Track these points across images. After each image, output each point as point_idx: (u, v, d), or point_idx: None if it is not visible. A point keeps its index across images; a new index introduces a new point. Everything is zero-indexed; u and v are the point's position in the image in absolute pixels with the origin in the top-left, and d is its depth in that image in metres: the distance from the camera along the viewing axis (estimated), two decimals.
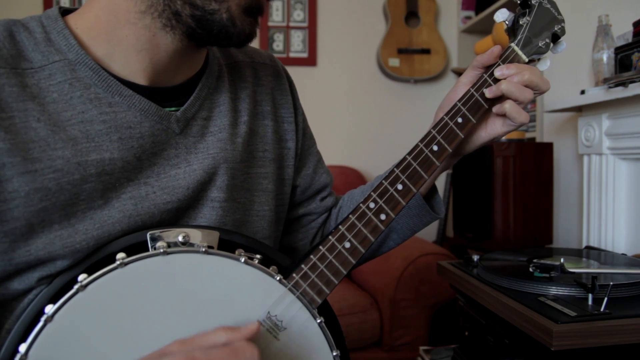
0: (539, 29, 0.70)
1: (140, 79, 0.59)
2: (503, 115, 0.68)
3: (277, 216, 0.73)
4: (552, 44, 0.71)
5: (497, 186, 1.64)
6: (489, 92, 0.67)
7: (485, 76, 0.68)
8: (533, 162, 1.65)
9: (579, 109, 1.60)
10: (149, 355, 0.48)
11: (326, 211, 0.83)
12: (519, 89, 0.65)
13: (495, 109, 0.68)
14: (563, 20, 0.71)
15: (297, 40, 2.64)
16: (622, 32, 1.43)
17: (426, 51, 2.65)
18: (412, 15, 2.67)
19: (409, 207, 0.75)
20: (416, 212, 0.76)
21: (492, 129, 0.70)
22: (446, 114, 0.66)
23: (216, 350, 0.46)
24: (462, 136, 0.66)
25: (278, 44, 2.63)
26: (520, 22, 0.70)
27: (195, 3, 0.55)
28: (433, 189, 0.79)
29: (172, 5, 0.55)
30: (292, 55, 2.63)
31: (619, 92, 1.29)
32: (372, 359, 1.79)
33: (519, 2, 0.71)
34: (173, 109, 0.61)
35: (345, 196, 0.85)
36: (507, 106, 0.66)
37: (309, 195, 0.80)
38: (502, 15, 0.71)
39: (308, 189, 0.79)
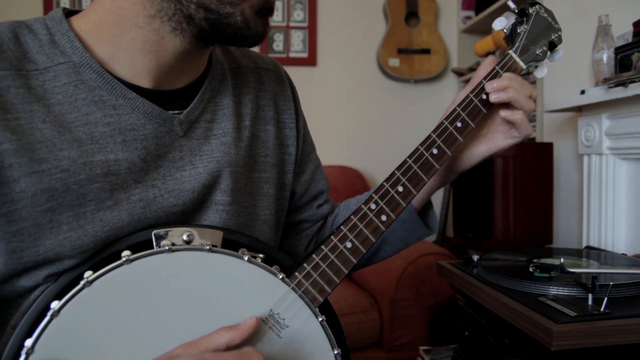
0: (536, 37, 0.72)
1: (144, 81, 0.59)
2: (503, 130, 0.69)
3: (277, 220, 0.73)
4: (549, 52, 0.73)
5: (497, 186, 1.64)
6: (495, 97, 0.67)
7: (485, 82, 0.69)
8: (533, 162, 1.66)
9: (579, 109, 1.60)
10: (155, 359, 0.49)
11: (322, 219, 0.83)
12: (525, 99, 0.66)
13: (505, 114, 0.68)
14: (560, 29, 0.73)
15: (297, 40, 2.64)
16: (622, 32, 1.43)
17: (426, 51, 2.65)
18: (412, 15, 2.67)
19: (403, 221, 0.76)
20: (409, 226, 0.76)
21: (492, 142, 0.71)
22: (446, 119, 0.67)
23: (225, 354, 0.47)
24: (462, 140, 0.67)
25: (278, 44, 2.63)
26: (518, 30, 0.71)
27: (210, 7, 0.55)
28: (428, 205, 0.79)
29: (184, 9, 0.55)
30: (292, 55, 2.64)
31: (619, 92, 1.29)
32: (372, 359, 1.79)
33: (516, 11, 0.73)
34: (176, 111, 0.62)
35: (341, 204, 0.85)
36: (519, 116, 0.67)
37: (306, 202, 0.80)
38: (500, 24, 0.73)
39: (305, 194, 0.80)
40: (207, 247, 0.54)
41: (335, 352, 0.57)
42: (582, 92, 1.44)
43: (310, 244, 0.83)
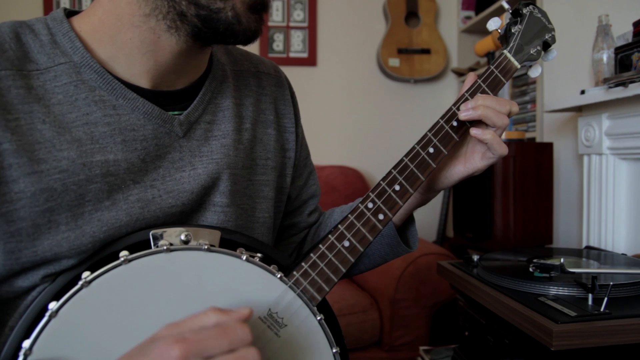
0: (531, 37, 0.72)
1: (144, 82, 0.59)
2: (480, 150, 0.68)
3: (274, 223, 0.73)
4: (543, 52, 0.73)
5: (497, 186, 1.64)
6: (464, 115, 0.66)
7: (467, 94, 0.68)
8: (533, 162, 1.65)
9: (579, 109, 1.60)
10: (141, 343, 0.47)
11: (309, 227, 0.83)
12: (496, 115, 0.65)
13: (476, 132, 0.66)
14: (553, 29, 0.74)
15: (297, 40, 2.64)
16: (622, 32, 1.43)
17: (426, 51, 2.65)
18: (412, 15, 2.67)
19: (382, 236, 0.74)
20: (388, 241, 0.75)
21: (470, 163, 0.70)
22: (441, 118, 0.67)
23: (206, 330, 0.44)
24: (457, 139, 0.67)
25: (278, 44, 2.63)
26: (512, 30, 0.72)
27: (200, 3, 0.55)
28: (410, 220, 0.77)
29: (176, 6, 0.56)
30: (292, 55, 2.63)
31: (619, 92, 1.29)
32: (372, 359, 1.79)
33: (510, 11, 0.73)
34: (176, 112, 0.62)
35: (326, 213, 0.84)
36: (489, 136, 0.65)
37: (297, 206, 0.80)
38: (494, 24, 0.73)
39: (296, 199, 0.80)
40: (205, 247, 0.54)
41: (334, 350, 0.57)
42: (582, 92, 1.44)
43: (293, 253, 0.82)
